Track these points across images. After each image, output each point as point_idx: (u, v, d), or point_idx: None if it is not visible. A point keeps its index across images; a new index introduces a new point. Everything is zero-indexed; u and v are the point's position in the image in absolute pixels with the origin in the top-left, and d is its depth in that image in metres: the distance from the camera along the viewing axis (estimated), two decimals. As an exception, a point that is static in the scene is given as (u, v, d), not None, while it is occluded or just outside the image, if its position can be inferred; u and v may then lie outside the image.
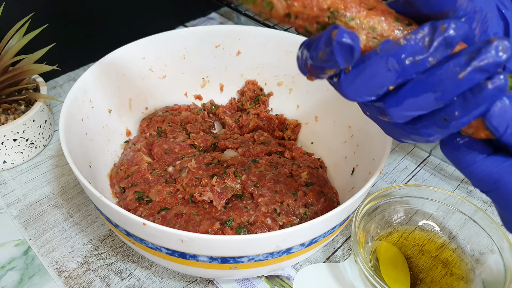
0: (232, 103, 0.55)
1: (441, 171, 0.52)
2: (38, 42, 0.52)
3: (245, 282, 0.41)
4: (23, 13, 0.54)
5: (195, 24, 0.76)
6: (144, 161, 0.45)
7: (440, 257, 0.42)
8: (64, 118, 0.39)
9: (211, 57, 0.53)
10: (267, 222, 0.39)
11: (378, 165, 0.37)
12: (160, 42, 0.50)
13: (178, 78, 0.53)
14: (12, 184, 0.49)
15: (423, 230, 0.44)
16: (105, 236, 0.44)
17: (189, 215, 0.39)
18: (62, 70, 0.64)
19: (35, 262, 0.42)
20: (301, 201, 0.41)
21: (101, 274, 0.41)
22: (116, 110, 0.49)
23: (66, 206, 0.47)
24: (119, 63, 0.48)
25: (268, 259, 0.33)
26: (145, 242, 0.33)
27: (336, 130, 0.49)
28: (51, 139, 0.54)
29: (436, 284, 0.40)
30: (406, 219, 0.44)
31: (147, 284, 0.40)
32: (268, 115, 0.53)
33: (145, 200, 0.41)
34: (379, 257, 0.41)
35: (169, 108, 0.52)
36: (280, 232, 0.31)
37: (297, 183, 0.43)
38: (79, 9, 0.60)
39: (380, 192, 0.42)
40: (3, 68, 0.47)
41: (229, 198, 0.42)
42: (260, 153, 0.47)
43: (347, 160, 0.46)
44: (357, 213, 0.40)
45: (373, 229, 0.42)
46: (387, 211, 0.44)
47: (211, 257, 0.32)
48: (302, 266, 0.42)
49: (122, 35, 0.60)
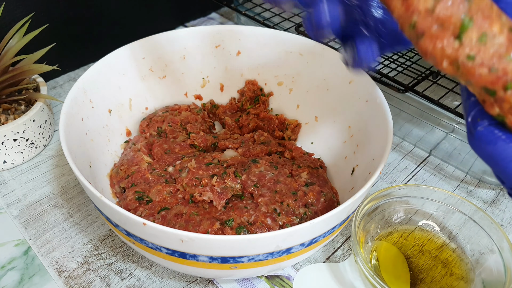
0: (232, 103, 0.55)
1: (441, 171, 0.52)
2: (38, 42, 0.52)
3: (245, 282, 0.41)
4: (23, 13, 0.54)
5: (195, 24, 0.76)
6: (144, 161, 0.45)
7: (440, 257, 0.42)
8: (64, 118, 0.39)
9: (211, 57, 0.53)
10: (267, 222, 0.39)
11: (378, 165, 0.37)
12: (160, 42, 0.50)
13: (178, 78, 0.53)
14: (12, 184, 0.49)
15: (423, 230, 0.44)
16: (105, 236, 0.44)
17: (189, 215, 0.39)
18: (62, 70, 0.64)
19: (35, 262, 0.42)
20: (301, 201, 0.41)
21: (101, 274, 0.41)
22: (116, 110, 0.49)
23: (66, 206, 0.47)
24: (119, 63, 0.48)
25: (268, 259, 0.33)
26: (145, 242, 0.33)
27: (336, 130, 0.49)
28: (51, 139, 0.54)
29: (436, 284, 0.40)
30: (406, 219, 0.44)
31: (147, 284, 0.40)
32: (268, 115, 0.53)
33: (145, 200, 0.41)
34: (379, 257, 0.41)
35: (169, 108, 0.52)
36: (280, 232, 0.31)
37: (297, 183, 0.43)
38: (79, 9, 0.61)
39: (380, 192, 0.42)
40: (3, 68, 0.47)
41: (229, 198, 0.42)
42: (260, 153, 0.47)
43: (347, 160, 0.46)
44: (357, 213, 0.40)
45: (373, 229, 0.42)
46: (387, 211, 0.44)
47: (211, 257, 0.32)
48: (302, 266, 0.42)
49: (122, 35, 0.60)
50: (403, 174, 0.52)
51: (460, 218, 0.43)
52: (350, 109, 0.47)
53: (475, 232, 0.42)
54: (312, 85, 0.51)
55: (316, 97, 0.51)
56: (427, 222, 0.44)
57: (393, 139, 0.51)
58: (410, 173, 0.52)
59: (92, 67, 0.45)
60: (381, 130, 0.41)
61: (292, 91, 0.53)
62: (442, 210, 0.44)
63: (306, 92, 0.52)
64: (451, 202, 0.43)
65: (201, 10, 0.78)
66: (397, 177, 0.51)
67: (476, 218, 0.42)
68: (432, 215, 0.44)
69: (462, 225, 0.43)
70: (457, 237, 0.43)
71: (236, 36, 0.52)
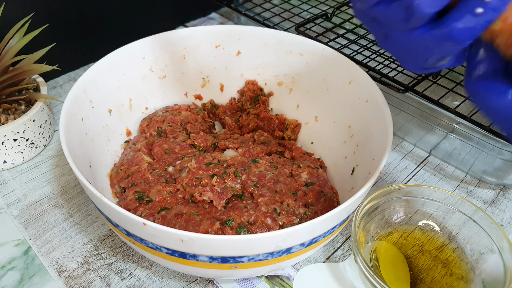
0: (232, 103, 0.55)
1: (441, 171, 0.52)
2: (38, 42, 0.52)
3: (245, 282, 0.41)
4: (23, 13, 0.54)
5: (195, 24, 0.76)
6: (144, 161, 0.45)
7: (440, 257, 0.42)
8: (65, 118, 0.39)
9: (211, 57, 0.53)
10: (267, 222, 0.39)
11: (378, 165, 0.37)
12: (160, 42, 0.50)
13: (178, 78, 0.53)
14: (12, 184, 0.49)
15: (423, 230, 0.44)
16: (105, 236, 0.44)
17: (189, 215, 0.39)
18: (62, 70, 0.64)
19: (35, 262, 0.42)
20: (301, 201, 0.41)
21: (101, 274, 0.41)
22: (116, 110, 0.49)
23: (66, 206, 0.47)
24: (119, 63, 0.48)
25: (268, 259, 0.34)
26: (145, 242, 0.33)
27: (336, 130, 0.49)
28: (51, 139, 0.54)
29: (436, 284, 0.40)
30: (406, 219, 0.44)
31: (147, 284, 0.40)
32: (268, 115, 0.53)
33: (145, 200, 0.41)
34: (379, 257, 0.41)
35: (169, 108, 0.52)
36: (280, 232, 0.31)
37: (297, 183, 0.43)
38: (79, 9, 0.61)
39: (380, 192, 0.42)
40: (3, 68, 0.47)
41: (229, 198, 0.42)
42: (260, 153, 0.47)
43: (347, 160, 0.46)
44: (357, 213, 0.40)
45: (373, 229, 0.42)
46: (387, 211, 0.44)
47: (211, 257, 0.32)
48: (302, 266, 0.42)
49: (122, 35, 0.60)
50: (403, 174, 0.52)
51: (460, 218, 0.43)
52: (350, 109, 0.47)
53: (475, 232, 0.42)
54: (312, 85, 0.51)
55: (316, 97, 0.51)
56: (427, 222, 0.44)
57: (393, 139, 0.51)
58: (410, 173, 0.52)
59: (92, 67, 0.45)
60: (381, 130, 0.41)
61: (292, 91, 0.53)
62: (442, 210, 0.44)
63: (306, 92, 0.52)
64: (451, 202, 0.43)
65: (201, 10, 0.78)
66: (397, 177, 0.51)
67: (476, 218, 0.42)
68: (432, 215, 0.44)
69: (462, 225, 0.43)
70: (457, 237, 0.43)
71: (236, 36, 0.52)
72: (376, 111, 0.43)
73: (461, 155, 0.51)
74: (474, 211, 0.42)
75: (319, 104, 0.51)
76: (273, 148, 0.48)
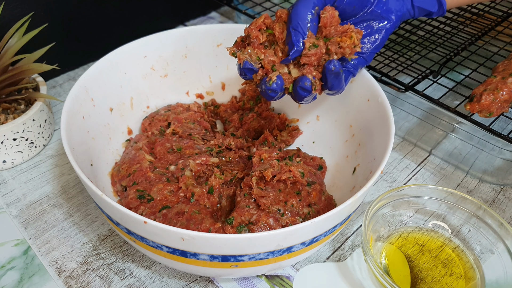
0: (234, 102, 0.55)
1: (441, 170, 0.52)
2: (38, 42, 0.52)
3: (245, 282, 0.40)
4: (23, 12, 0.54)
5: (195, 23, 0.76)
6: (145, 160, 0.45)
7: (440, 256, 0.42)
8: (66, 117, 0.39)
9: (213, 56, 0.53)
10: (269, 222, 0.38)
11: (379, 165, 0.37)
12: (161, 41, 0.50)
13: (180, 77, 0.53)
14: (12, 183, 0.49)
15: (423, 230, 0.44)
16: (105, 235, 0.44)
17: (190, 214, 0.39)
18: (62, 70, 0.63)
19: (35, 261, 0.42)
20: (305, 201, 0.41)
21: (101, 274, 0.41)
22: (118, 109, 0.48)
23: (66, 205, 0.47)
24: (120, 62, 0.48)
25: (269, 257, 0.33)
26: (146, 240, 0.33)
27: (337, 129, 0.49)
28: (51, 139, 0.53)
29: (436, 283, 0.40)
30: (407, 219, 0.44)
31: (147, 283, 0.40)
32: (269, 114, 0.53)
33: (146, 199, 0.41)
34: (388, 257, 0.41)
35: (171, 107, 0.52)
36: (281, 230, 0.31)
37: (299, 183, 0.43)
38: (79, 8, 0.60)
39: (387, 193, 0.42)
40: (3, 67, 0.47)
41: (231, 197, 0.41)
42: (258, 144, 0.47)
43: (349, 159, 0.46)
44: (367, 213, 0.40)
45: (378, 229, 0.42)
46: (390, 212, 0.44)
47: (212, 255, 0.32)
48: (302, 265, 0.42)
49: (122, 35, 0.60)
50: (404, 173, 0.52)
51: (461, 217, 0.43)
52: (352, 108, 0.47)
53: (476, 231, 0.42)
54: (313, 85, 0.51)
55: (318, 96, 0.51)
56: (428, 221, 0.44)
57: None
58: (411, 172, 0.52)
59: (93, 65, 0.45)
60: (383, 129, 0.41)
61: (293, 90, 0.53)
62: (443, 209, 0.44)
63: (307, 91, 0.52)
64: (452, 201, 0.43)
65: (201, 9, 0.78)
66: (397, 177, 0.51)
67: (477, 217, 0.42)
68: (433, 214, 0.44)
69: (463, 224, 0.43)
70: (457, 236, 0.43)
71: (237, 35, 0.52)
72: (377, 110, 0.43)
73: (461, 155, 0.51)
74: (475, 210, 0.42)
75: (320, 104, 0.51)
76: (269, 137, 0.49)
